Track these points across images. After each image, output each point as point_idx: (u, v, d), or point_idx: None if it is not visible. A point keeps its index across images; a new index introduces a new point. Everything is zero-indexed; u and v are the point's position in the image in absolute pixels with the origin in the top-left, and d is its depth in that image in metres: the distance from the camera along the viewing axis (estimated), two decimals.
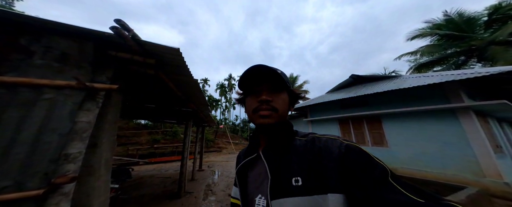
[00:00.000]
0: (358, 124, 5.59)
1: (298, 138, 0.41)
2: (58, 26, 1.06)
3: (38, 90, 0.98)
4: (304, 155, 0.36)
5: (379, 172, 0.29)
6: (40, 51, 1.03)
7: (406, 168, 4.20)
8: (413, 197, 0.25)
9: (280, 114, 0.39)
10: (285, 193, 0.32)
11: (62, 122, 1.03)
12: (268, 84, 0.41)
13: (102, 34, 1.16)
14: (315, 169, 0.33)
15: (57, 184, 0.96)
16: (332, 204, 0.29)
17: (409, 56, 8.92)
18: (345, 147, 0.34)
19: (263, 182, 0.37)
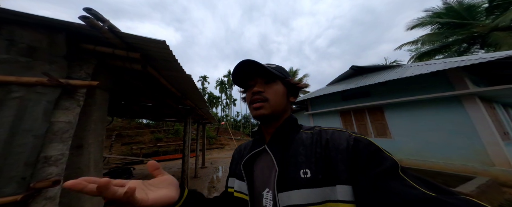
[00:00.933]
0: (360, 116, 5.49)
1: (304, 131, 0.41)
2: (18, 16, 0.94)
3: (5, 87, 0.89)
4: (311, 148, 0.36)
5: (389, 165, 0.29)
6: (3, 44, 0.92)
7: (411, 159, 4.15)
8: (424, 190, 0.24)
9: (273, 104, 0.40)
10: (293, 186, 0.32)
11: (36, 123, 0.95)
12: (260, 77, 0.42)
13: (71, 24, 1.04)
14: (324, 161, 0.33)
15: (37, 189, 0.89)
16: (340, 195, 0.29)
17: (410, 46, 8.75)
18: (353, 139, 0.33)
19: (271, 175, 0.37)
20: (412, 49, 9.35)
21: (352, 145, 0.32)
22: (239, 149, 0.51)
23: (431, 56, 8.67)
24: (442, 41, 8.12)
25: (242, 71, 0.42)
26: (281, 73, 0.43)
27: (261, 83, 0.42)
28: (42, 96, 0.98)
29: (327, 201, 0.30)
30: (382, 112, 4.92)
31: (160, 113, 4.86)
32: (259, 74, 0.42)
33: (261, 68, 0.40)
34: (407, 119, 4.40)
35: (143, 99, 3.12)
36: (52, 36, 1.05)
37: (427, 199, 0.23)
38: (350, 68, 6.63)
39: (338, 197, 0.29)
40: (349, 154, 0.32)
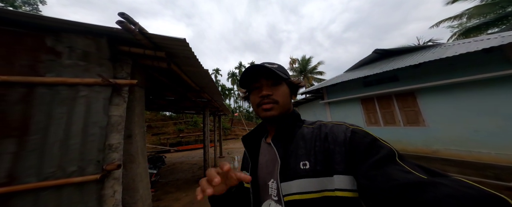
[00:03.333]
0: (386, 103, 4.98)
1: (306, 126, 0.43)
2: (71, 25, 1.07)
3: (75, 88, 1.07)
4: (311, 141, 0.38)
5: (386, 152, 0.30)
6: (66, 51, 1.09)
7: (451, 149, 3.67)
8: (419, 174, 0.25)
9: (282, 105, 0.42)
10: (294, 176, 0.34)
11: (99, 116, 1.13)
12: (266, 79, 0.43)
13: (111, 29, 1.14)
14: (322, 153, 0.35)
15: (108, 171, 1.11)
16: (337, 184, 0.31)
17: (451, 22, 7.25)
18: (351, 131, 0.35)
19: (274, 167, 0.40)
20: (454, 25, 7.78)
21: (349, 137, 0.34)
22: (245, 139, 0.52)
23: (482, 30, 7.10)
24: (497, 13, 6.57)
25: (249, 75, 0.44)
26: (284, 73, 0.45)
27: (268, 86, 0.43)
28: (99, 94, 1.15)
29: (324, 190, 0.32)
30: (414, 97, 4.36)
31: (181, 106, 5.26)
32: (264, 76, 0.43)
33: (270, 72, 0.42)
34: (446, 104, 3.81)
35: (168, 93, 3.40)
36: (97, 41, 1.19)
37: (421, 182, 0.23)
38: (373, 52, 5.86)
39: (335, 186, 0.31)
40: (346, 146, 0.33)
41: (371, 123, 5.40)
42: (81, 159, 1.04)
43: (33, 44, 1.00)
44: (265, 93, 0.42)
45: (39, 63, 1.00)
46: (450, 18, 7.26)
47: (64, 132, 1.00)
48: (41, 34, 1.03)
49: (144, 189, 1.61)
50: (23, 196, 0.87)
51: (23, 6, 5.41)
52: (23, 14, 0.96)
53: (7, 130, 0.88)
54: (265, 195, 0.40)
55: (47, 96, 0.99)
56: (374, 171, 0.28)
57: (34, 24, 1.02)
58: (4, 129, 0.87)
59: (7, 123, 0.88)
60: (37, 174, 0.91)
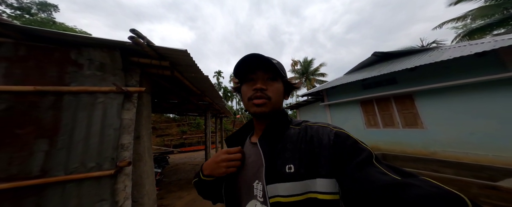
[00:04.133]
0: (385, 105, 5.02)
1: (292, 127, 0.42)
2: (89, 40, 1.26)
3: (94, 95, 1.24)
4: (297, 144, 0.37)
5: (365, 155, 0.31)
6: (86, 63, 1.27)
7: (449, 151, 3.70)
8: (393, 175, 0.27)
9: (274, 103, 0.41)
10: (279, 179, 0.34)
11: (113, 119, 1.30)
12: (263, 72, 0.41)
13: (124, 43, 1.32)
14: (307, 156, 0.35)
15: (121, 167, 1.27)
16: (319, 187, 0.32)
17: (455, 23, 7.15)
18: (334, 134, 0.35)
19: (259, 168, 0.39)
20: (458, 26, 7.65)
21: (332, 140, 0.34)
22: (230, 140, 0.50)
23: (486, 32, 6.96)
24: (502, 14, 6.44)
25: (246, 64, 0.41)
26: (282, 71, 0.43)
27: (264, 79, 0.41)
28: (114, 100, 1.32)
29: (308, 192, 0.32)
30: (412, 100, 4.40)
31: (184, 108, 5.46)
32: (262, 68, 0.41)
33: (269, 63, 0.39)
34: (444, 107, 3.85)
35: (172, 97, 3.59)
36: (111, 53, 1.37)
37: (395, 183, 0.25)
38: (372, 54, 5.91)
39: (317, 188, 0.32)
40: (330, 149, 0.34)
41: (370, 125, 5.43)
42: (98, 157, 1.21)
43: (60, 57, 1.19)
44: (259, 87, 0.39)
45: (65, 74, 1.18)
46: (454, 19, 7.18)
47: (86, 133, 1.17)
48: (67, 49, 1.22)
49: (150, 185, 1.77)
50: (53, 187, 1.04)
51: (39, 13, 5.82)
52: (53, 32, 1.15)
53: (41, 132, 1.05)
54: (249, 196, 0.39)
55: (72, 102, 1.16)
56: (356, 173, 0.29)
57: (61, 40, 1.21)
58: (39, 131, 1.05)
59: (40, 126, 1.06)
60: (64, 169, 1.08)
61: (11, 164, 0.96)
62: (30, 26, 1.08)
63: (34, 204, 0.98)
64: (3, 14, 5.56)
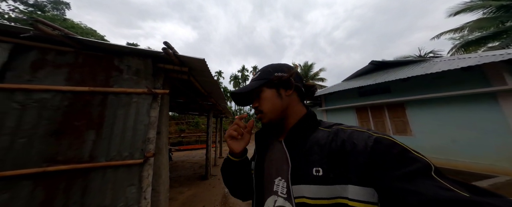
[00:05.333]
0: (378, 112, 5.35)
1: (322, 129, 0.40)
2: (131, 50, 1.50)
3: (130, 95, 1.48)
4: (326, 147, 0.35)
5: (419, 165, 0.27)
6: (126, 69, 1.51)
7: (433, 157, 4.02)
8: (459, 191, 0.23)
9: (266, 113, 0.44)
10: (306, 181, 0.33)
11: (144, 117, 1.53)
12: (251, 94, 0.48)
13: (158, 53, 1.56)
14: (337, 161, 0.33)
15: (147, 157, 1.50)
16: (351, 195, 0.30)
17: (452, 34, 7.42)
18: (373, 140, 0.31)
19: (283, 166, 0.39)
20: (455, 37, 7.85)
21: (371, 147, 0.31)
22: (259, 134, 0.51)
23: (481, 44, 7.20)
24: (497, 27, 6.71)
25: (239, 97, 0.50)
26: (262, 78, 0.45)
27: (255, 98, 0.47)
28: (145, 100, 1.56)
29: (337, 197, 0.30)
30: (403, 108, 4.73)
31: (187, 107, 5.66)
32: (249, 93, 0.48)
33: (245, 92, 0.46)
34: (431, 116, 4.18)
35: (181, 97, 3.82)
36: (145, 61, 1.61)
37: (462, 199, 0.21)
38: (369, 63, 6.27)
39: (348, 195, 0.30)
40: (367, 156, 0.30)
41: None
42: (131, 147, 1.43)
43: (107, 64, 1.43)
44: (253, 106, 0.46)
45: (110, 78, 1.42)
46: (451, 30, 7.29)
47: (122, 127, 1.40)
48: (111, 57, 1.46)
49: (165, 175, 1.99)
50: (96, 171, 1.25)
51: (52, 11, 6.01)
52: (103, 43, 1.40)
53: (91, 124, 1.28)
54: (269, 190, 0.39)
55: (114, 101, 1.40)
56: (403, 184, 0.25)
57: (108, 49, 1.46)
58: (89, 124, 1.27)
59: (91, 120, 1.29)
60: (105, 156, 1.30)
61: (69, 149, 1.18)
62: (87, 38, 1.32)
63: (82, 185, 1.19)
64: (16, 9, 5.72)
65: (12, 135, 1.05)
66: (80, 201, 1.14)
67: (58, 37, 1.20)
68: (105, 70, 1.41)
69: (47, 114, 1.16)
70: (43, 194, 1.05)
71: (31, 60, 1.20)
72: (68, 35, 1.23)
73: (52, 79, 1.23)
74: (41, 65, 1.22)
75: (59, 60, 1.28)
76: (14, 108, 1.10)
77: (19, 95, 1.12)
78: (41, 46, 1.26)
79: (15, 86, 1.11)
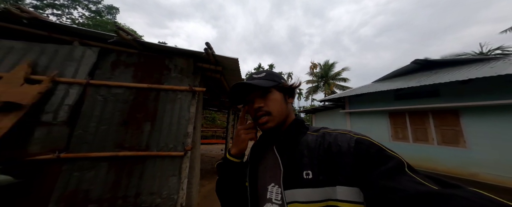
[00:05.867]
0: (420, 119, 4.60)
1: (310, 133, 0.42)
2: (178, 50, 1.63)
3: (175, 92, 1.61)
4: (315, 150, 0.37)
5: (394, 163, 0.29)
6: (173, 67, 1.65)
7: (493, 174, 3.25)
8: (432, 185, 0.25)
9: (276, 115, 0.42)
10: (297, 185, 0.34)
11: (186, 112, 1.66)
12: (255, 92, 0.43)
13: (200, 53, 1.66)
14: (326, 163, 0.34)
15: (187, 150, 1.61)
16: (340, 195, 0.31)
17: None
18: (355, 141, 0.34)
19: (276, 173, 0.39)
20: None
21: (353, 147, 0.33)
22: (256, 147, 0.50)
23: None
24: None
25: (238, 92, 0.44)
26: (272, 80, 0.44)
27: (258, 98, 0.43)
28: (187, 97, 1.67)
29: (328, 199, 0.31)
30: (457, 116, 3.93)
31: (208, 103, 6.00)
32: (253, 89, 0.43)
33: (254, 87, 0.42)
34: (495, 127, 3.34)
35: (207, 94, 4.04)
36: (188, 60, 1.73)
37: (434, 193, 0.22)
38: (412, 62, 5.38)
39: (338, 196, 0.31)
40: (350, 156, 0.32)
41: (397, 138, 5.05)
42: (175, 140, 1.57)
43: (159, 63, 1.59)
44: (257, 106, 0.42)
45: (162, 76, 1.58)
46: None
47: (169, 121, 1.55)
48: (163, 57, 1.62)
49: (197, 169, 2.13)
50: (150, 160, 1.42)
51: (107, 15, 7.19)
52: (157, 45, 1.56)
53: (147, 117, 1.45)
54: (264, 198, 0.39)
55: (164, 97, 1.55)
56: (382, 182, 0.27)
57: (160, 50, 1.62)
58: (146, 116, 1.45)
59: (147, 113, 1.46)
60: (156, 146, 1.46)
61: (132, 138, 1.37)
62: (148, 41, 1.50)
63: (139, 171, 1.37)
64: (83, 16, 6.99)
65: (97, 123, 1.29)
66: (137, 185, 1.32)
67: (130, 41, 1.41)
68: (158, 69, 1.58)
69: (119, 106, 1.38)
70: (114, 175, 1.25)
71: (111, 61, 1.45)
72: (136, 39, 1.41)
73: (123, 77, 1.45)
74: (117, 64, 1.46)
75: (128, 60, 1.50)
76: (99, 100, 1.34)
77: (103, 89, 1.36)
78: (117, 49, 1.49)
79: (101, 82, 1.36)
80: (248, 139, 0.45)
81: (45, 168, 1.10)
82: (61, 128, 1.19)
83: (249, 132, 0.45)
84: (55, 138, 1.16)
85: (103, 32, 1.44)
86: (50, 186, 1.09)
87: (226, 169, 0.46)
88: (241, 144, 0.45)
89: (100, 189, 1.19)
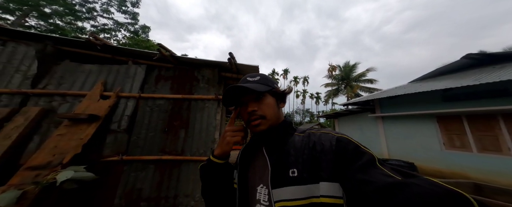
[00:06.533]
0: (485, 123, 3.62)
1: (297, 134, 0.43)
2: (205, 62, 1.81)
3: (203, 101, 1.77)
4: (300, 150, 0.38)
5: (367, 158, 0.32)
6: (201, 78, 1.83)
7: None
8: (396, 176, 0.28)
9: (269, 119, 0.43)
10: (283, 183, 0.35)
11: (212, 119, 1.78)
12: (249, 96, 0.44)
13: (224, 63, 1.80)
14: (310, 161, 0.36)
15: None
16: (323, 191, 0.33)
17: None
18: (336, 139, 0.37)
19: (264, 173, 0.40)
20: None
21: (334, 145, 0.35)
22: (246, 150, 0.51)
23: None
24: None
25: (232, 95, 0.45)
26: (266, 84, 0.46)
27: (252, 101, 0.44)
28: (213, 105, 1.81)
29: (311, 196, 0.33)
30: None
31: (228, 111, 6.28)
32: (247, 93, 0.44)
33: (249, 91, 0.43)
34: None
35: None
36: (213, 71, 1.89)
37: (396, 183, 0.26)
38: (463, 57, 4.40)
39: (320, 193, 0.32)
40: (332, 154, 0.35)
41: (453, 147, 4.08)
42: (204, 146, 1.69)
43: (190, 75, 1.80)
44: (250, 110, 0.43)
45: (192, 87, 1.78)
46: None
47: (199, 128, 1.69)
48: (192, 69, 1.83)
49: None
50: (184, 164, 1.56)
51: (142, 34, 8.77)
52: (188, 58, 1.78)
53: (182, 124, 1.64)
54: (253, 200, 0.40)
55: (194, 106, 1.72)
56: (358, 175, 0.29)
57: (191, 63, 1.84)
58: (181, 124, 1.64)
59: (182, 121, 1.65)
60: (190, 151, 1.60)
61: (171, 143, 1.56)
62: (181, 56, 1.74)
63: (177, 174, 1.52)
64: (125, 37, 8.65)
65: (146, 130, 1.53)
66: (175, 187, 1.46)
67: (168, 57, 1.67)
68: (189, 80, 1.78)
69: (161, 116, 1.60)
70: (158, 176, 1.43)
71: (154, 75, 1.72)
72: (172, 54, 1.66)
73: (164, 89, 1.69)
74: (159, 78, 1.72)
75: (166, 74, 1.75)
76: (147, 111, 1.59)
77: (150, 101, 1.62)
78: (158, 65, 1.76)
79: (148, 95, 1.62)
80: (233, 142, 0.45)
81: (113, 168, 1.36)
82: (123, 135, 1.47)
83: (235, 135, 0.45)
84: (119, 143, 1.43)
85: (148, 51, 1.73)
86: (116, 183, 1.33)
87: (208, 171, 0.47)
88: (225, 146, 0.45)
89: (148, 189, 1.38)
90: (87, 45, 1.69)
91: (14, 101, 1.46)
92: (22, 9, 6.26)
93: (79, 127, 1.27)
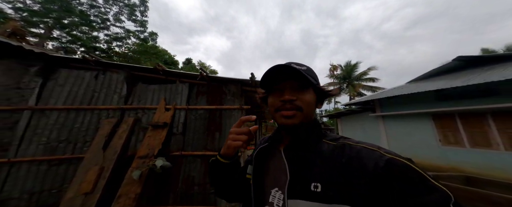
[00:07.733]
0: (475, 121, 3.94)
1: (326, 141, 0.38)
2: (230, 79, 2.35)
3: (230, 111, 2.29)
4: (329, 162, 0.34)
5: (439, 197, 0.25)
6: (228, 92, 2.36)
7: None
8: None
9: (305, 114, 0.38)
10: (302, 196, 0.32)
11: None
12: (291, 82, 0.39)
13: (246, 81, 2.32)
14: (339, 178, 0.31)
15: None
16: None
17: None
18: (385, 161, 0.29)
19: (281, 177, 0.37)
20: None
21: (381, 168, 0.29)
22: (261, 140, 0.49)
23: None
24: None
25: (273, 74, 0.39)
26: (313, 78, 0.40)
27: (293, 89, 0.38)
28: (238, 113, 2.31)
29: None
30: None
31: None
32: (291, 78, 0.38)
33: (298, 74, 0.37)
34: None
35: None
36: (237, 86, 2.42)
37: None
38: (453, 59, 4.71)
39: None
40: (376, 177, 0.28)
41: (448, 143, 4.43)
42: None
43: (219, 90, 2.35)
44: (288, 98, 0.37)
45: (222, 99, 2.31)
46: None
47: (226, 132, 2.21)
48: (221, 85, 2.38)
49: None
50: None
51: (151, 42, 9.37)
52: (217, 77, 2.34)
53: (216, 128, 2.16)
54: (264, 200, 0.37)
55: (224, 114, 2.25)
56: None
57: (219, 80, 2.39)
58: (216, 128, 2.16)
59: (216, 126, 2.17)
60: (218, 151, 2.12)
61: (210, 142, 2.09)
62: (212, 75, 2.32)
63: None
64: (135, 44, 9.37)
65: (193, 133, 2.09)
66: None
67: (204, 76, 2.23)
68: (220, 94, 2.33)
69: (202, 122, 2.16)
70: (204, 167, 1.96)
71: (195, 91, 2.30)
72: (207, 75, 2.23)
73: (202, 102, 2.26)
74: (198, 94, 2.29)
75: (203, 90, 2.32)
76: (192, 119, 2.16)
77: (193, 112, 2.19)
78: (196, 82, 2.33)
79: (192, 107, 2.19)
80: (233, 146, 0.42)
81: (176, 160, 1.90)
82: (180, 137, 2.06)
83: (238, 139, 0.41)
84: (178, 142, 2.04)
85: (193, 73, 2.37)
86: (178, 172, 1.89)
87: (215, 167, 0.47)
88: (226, 149, 0.43)
89: (198, 176, 1.92)
90: (152, 70, 2.35)
91: (116, 114, 2.12)
92: (43, 21, 6.75)
93: (158, 131, 1.88)
